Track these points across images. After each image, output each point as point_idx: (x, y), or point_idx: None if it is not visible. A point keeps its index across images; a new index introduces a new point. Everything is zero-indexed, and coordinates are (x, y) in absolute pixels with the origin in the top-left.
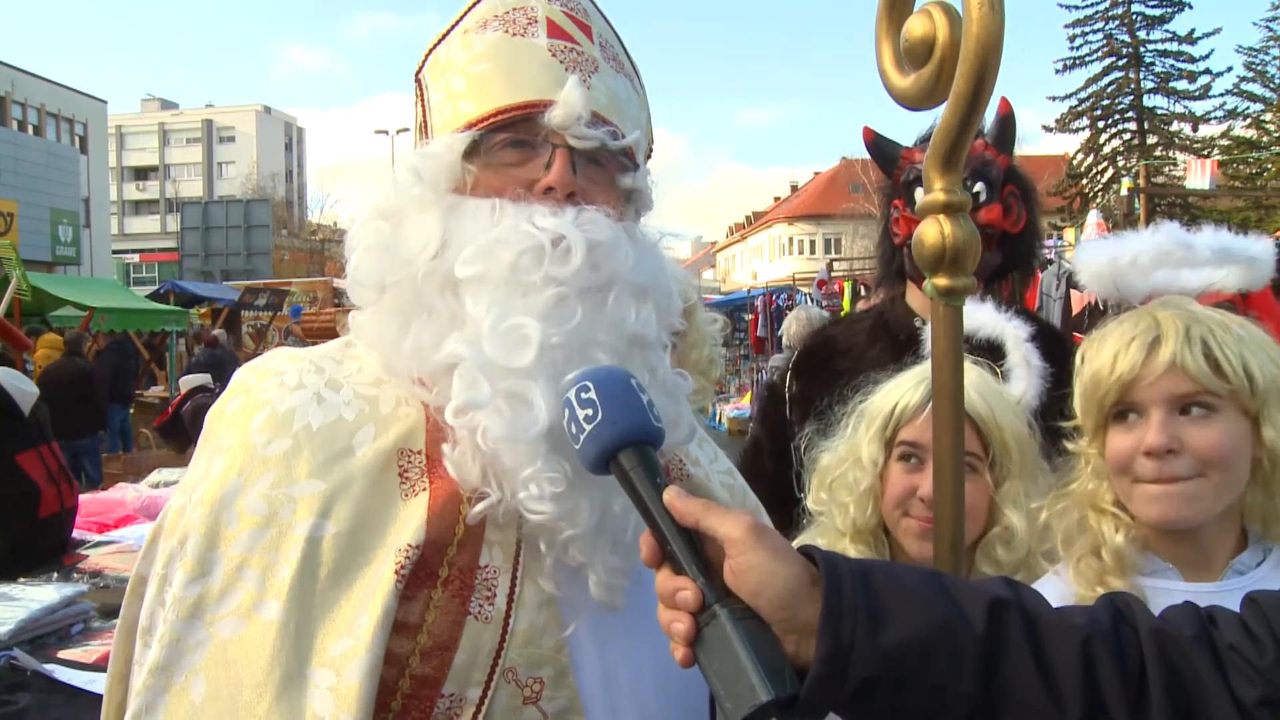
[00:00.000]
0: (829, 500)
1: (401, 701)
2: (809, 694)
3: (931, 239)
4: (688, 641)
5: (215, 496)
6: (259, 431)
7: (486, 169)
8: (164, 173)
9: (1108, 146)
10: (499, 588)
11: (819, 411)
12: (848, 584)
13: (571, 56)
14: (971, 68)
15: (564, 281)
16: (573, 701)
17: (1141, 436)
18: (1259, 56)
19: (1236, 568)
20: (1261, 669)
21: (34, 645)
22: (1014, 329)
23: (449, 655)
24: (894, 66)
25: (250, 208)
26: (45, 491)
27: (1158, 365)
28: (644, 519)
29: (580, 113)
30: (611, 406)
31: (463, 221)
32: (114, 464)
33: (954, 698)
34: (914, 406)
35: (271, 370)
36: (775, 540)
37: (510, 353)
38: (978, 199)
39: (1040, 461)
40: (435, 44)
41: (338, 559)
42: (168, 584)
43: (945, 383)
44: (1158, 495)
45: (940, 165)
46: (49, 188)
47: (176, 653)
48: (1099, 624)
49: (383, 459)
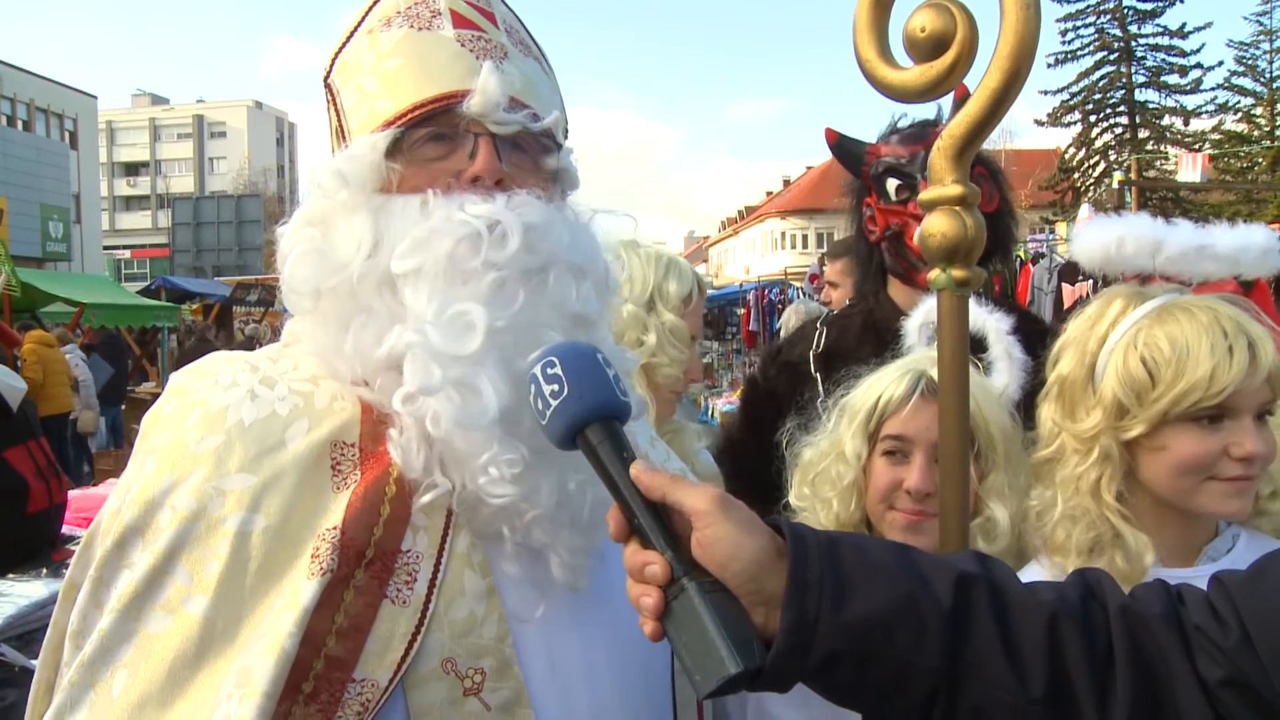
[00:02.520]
0: (812, 495)
1: (314, 683)
2: (774, 666)
3: (949, 231)
4: (656, 615)
5: (147, 496)
6: (192, 430)
7: (411, 165)
8: (155, 168)
9: (1099, 140)
10: (420, 573)
11: (799, 407)
12: (814, 556)
13: (481, 44)
14: (1011, 64)
15: (503, 266)
16: (518, 693)
17: (1227, 440)
18: (1250, 51)
19: (1210, 554)
20: (1225, 649)
21: (22, 641)
22: (995, 321)
23: (361, 638)
24: (879, 57)
25: (242, 203)
26: (34, 487)
27: (1260, 373)
28: (611, 493)
29: (498, 99)
30: (578, 382)
31: (393, 219)
32: (105, 460)
33: (918, 672)
34: (898, 398)
35: (206, 371)
36: (742, 513)
37: (456, 340)
38: None
39: (1024, 455)
40: (340, 47)
41: (267, 552)
42: (102, 585)
43: (952, 375)
44: (1236, 492)
45: (955, 158)
46: (39, 184)
47: (104, 648)
48: (1068, 601)
49: (315, 452)
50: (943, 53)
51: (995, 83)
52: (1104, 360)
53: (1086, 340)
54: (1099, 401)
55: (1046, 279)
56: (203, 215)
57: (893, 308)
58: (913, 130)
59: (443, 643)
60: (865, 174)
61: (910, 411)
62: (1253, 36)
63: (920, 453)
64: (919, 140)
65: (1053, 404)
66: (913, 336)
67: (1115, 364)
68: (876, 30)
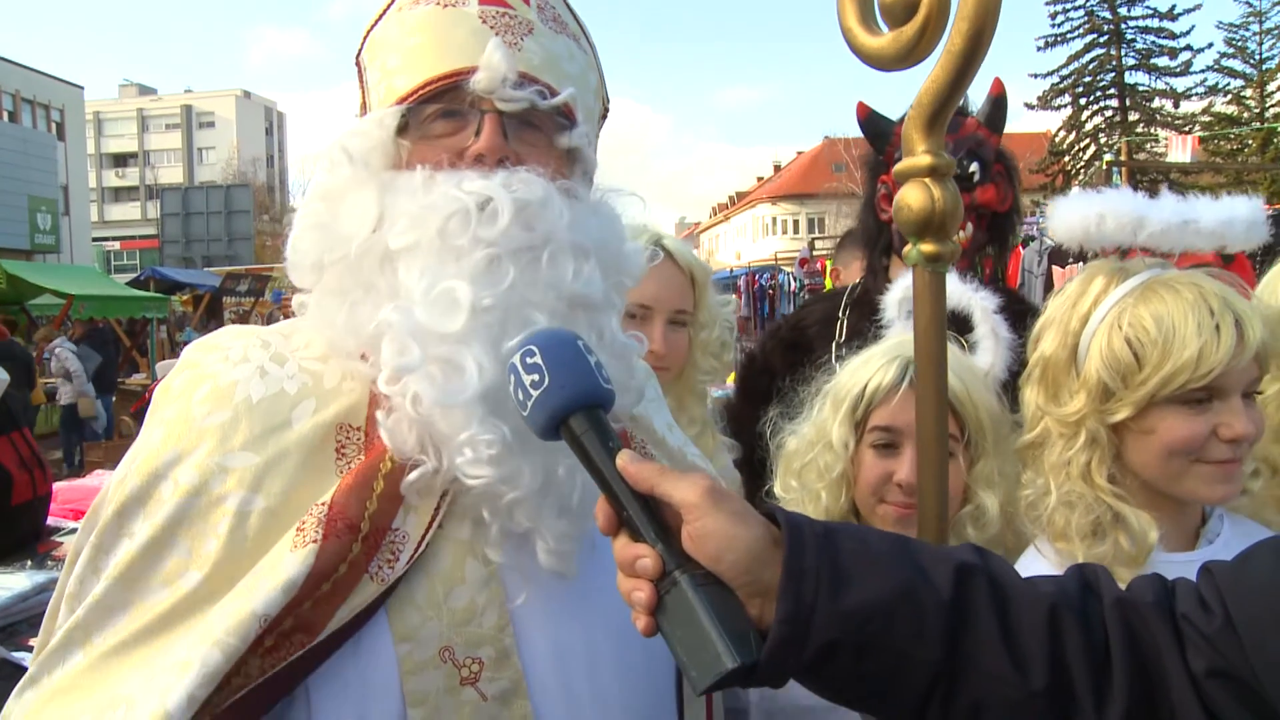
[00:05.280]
0: (799, 488)
1: (274, 639)
2: (770, 657)
3: (919, 203)
4: (649, 610)
5: (152, 467)
6: (200, 404)
7: (420, 142)
8: (143, 159)
9: (1090, 123)
10: (403, 553)
11: (782, 393)
12: (810, 545)
13: (503, 21)
14: (971, 25)
15: (493, 242)
16: (516, 684)
17: (1215, 421)
18: (1239, 33)
19: (1208, 536)
20: (1209, 635)
21: (6, 633)
22: (981, 300)
23: (334, 606)
24: (860, 24)
25: (231, 193)
26: (17, 478)
27: (1247, 352)
28: (598, 485)
29: (505, 74)
30: (558, 371)
31: (398, 196)
32: (95, 451)
33: (916, 663)
34: (887, 387)
35: (218, 345)
36: (734, 503)
37: (442, 317)
38: (972, 179)
39: (1011, 439)
40: (372, 25)
41: (264, 533)
42: (101, 552)
43: (929, 353)
44: (1224, 476)
45: (925, 126)
46: (26, 175)
47: (100, 613)
48: (1066, 593)
49: (320, 433)
50: (913, 16)
51: (957, 45)
52: (1086, 341)
53: (1069, 320)
54: (1083, 384)
55: (1037, 262)
56: (192, 205)
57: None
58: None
59: (440, 631)
60: (889, 154)
61: (900, 402)
62: (1242, 18)
63: (911, 444)
64: (950, 131)
65: (1035, 386)
66: (892, 310)
67: (1099, 345)
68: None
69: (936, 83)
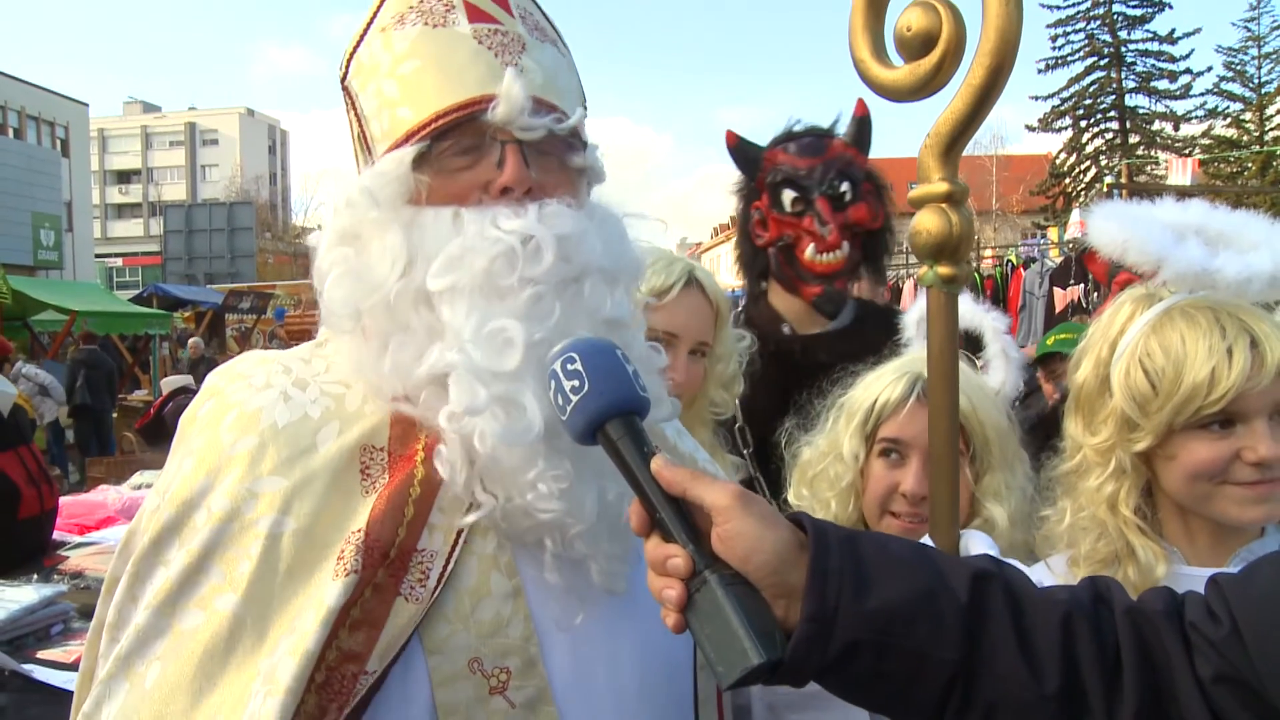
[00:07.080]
0: (810, 496)
1: (325, 673)
2: (794, 655)
3: (937, 227)
4: (679, 607)
5: (185, 496)
6: (228, 431)
7: (439, 176)
8: (147, 176)
9: (1090, 145)
10: (432, 570)
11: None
12: (835, 548)
13: (498, 40)
14: (993, 60)
15: (539, 280)
16: (542, 691)
17: (1238, 445)
18: (1238, 56)
19: (1244, 555)
20: (1215, 642)
21: (13, 646)
22: (992, 320)
23: (376, 633)
24: (873, 57)
25: (234, 210)
26: (25, 493)
27: (1266, 374)
28: (632, 488)
29: (522, 104)
30: (597, 378)
31: (425, 234)
32: (96, 467)
33: (935, 664)
34: (895, 401)
35: (240, 373)
36: (762, 507)
37: (497, 356)
38: (843, 198)
39: (1020, 452)
40: (354, 47)
41: (296, 554)
42: (139, 581)
43: (942, 370)
44: (1258, 498)
45: (942, 155)
46: (30, 191)
47: (139, 641)
48: (1079, 601)
49: (345, 455)
50: (930, 50)
51: (978, 79)
52: (1113, 370)
53: (1100, 348)
54: (1110, 413)
55: (1038, 283)
56: (195, 223)
57: (770, 313)
58: (811, 141)
59: (469, 643)
60: (760, 179)
61: (907, 415)
62: (1241, 42)
63: (916, 456)
64: (819, 154)
65: (1073, 416)
66: (911, 330)
67: (1120, 375)
68: (870, 31)
69: (955, 114)
